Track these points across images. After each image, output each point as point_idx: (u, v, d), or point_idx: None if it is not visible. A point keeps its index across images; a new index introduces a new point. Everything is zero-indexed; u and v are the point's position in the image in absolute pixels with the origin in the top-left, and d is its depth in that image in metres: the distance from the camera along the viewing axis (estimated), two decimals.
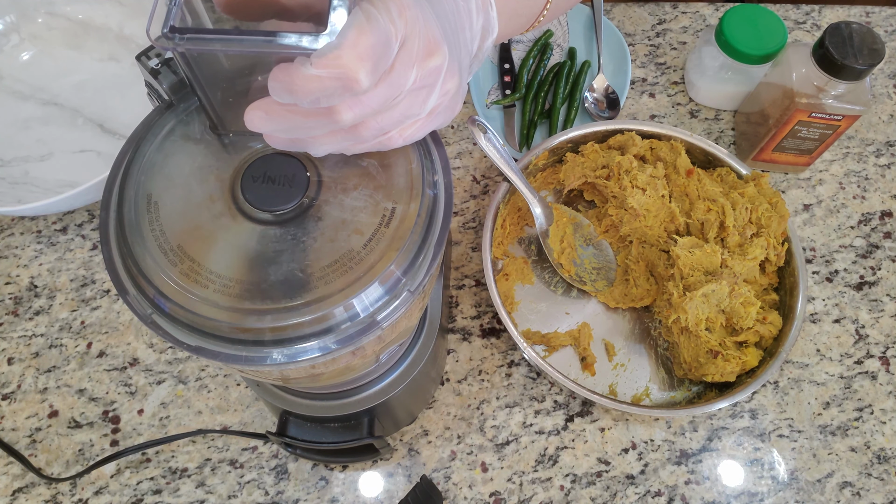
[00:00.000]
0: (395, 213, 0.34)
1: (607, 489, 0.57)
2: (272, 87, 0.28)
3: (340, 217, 0.34)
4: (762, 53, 0.66)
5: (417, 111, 0.32)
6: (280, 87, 0.28)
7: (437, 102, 0.33)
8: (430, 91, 0.32)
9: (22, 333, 0.63)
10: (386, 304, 0.33)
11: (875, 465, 0.58)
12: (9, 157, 0.69)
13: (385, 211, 0.34)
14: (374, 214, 0.34)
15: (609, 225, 0.64)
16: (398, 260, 0.33)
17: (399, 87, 0.30)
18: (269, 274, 0.32)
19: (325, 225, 0.33)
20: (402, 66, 0.29)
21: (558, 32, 0.78)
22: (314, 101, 0.28)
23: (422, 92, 0.31)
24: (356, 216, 0.34)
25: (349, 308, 0.32)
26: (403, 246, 0.33)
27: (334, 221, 0.34)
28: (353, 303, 0.32)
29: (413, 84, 0.30)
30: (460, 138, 0.73)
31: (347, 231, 0.33)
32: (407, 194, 0.34)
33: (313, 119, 0.30)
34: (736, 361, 0.56)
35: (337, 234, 0.33)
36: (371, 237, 0.33)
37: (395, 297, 0.33)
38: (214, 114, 0.34)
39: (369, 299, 0.32)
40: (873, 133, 0.74)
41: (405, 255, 0.33)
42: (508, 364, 0.62)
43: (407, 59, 0.29)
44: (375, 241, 0.33)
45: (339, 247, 0.33)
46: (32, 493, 0.57)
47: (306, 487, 0.57)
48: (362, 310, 0.32)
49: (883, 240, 0.68)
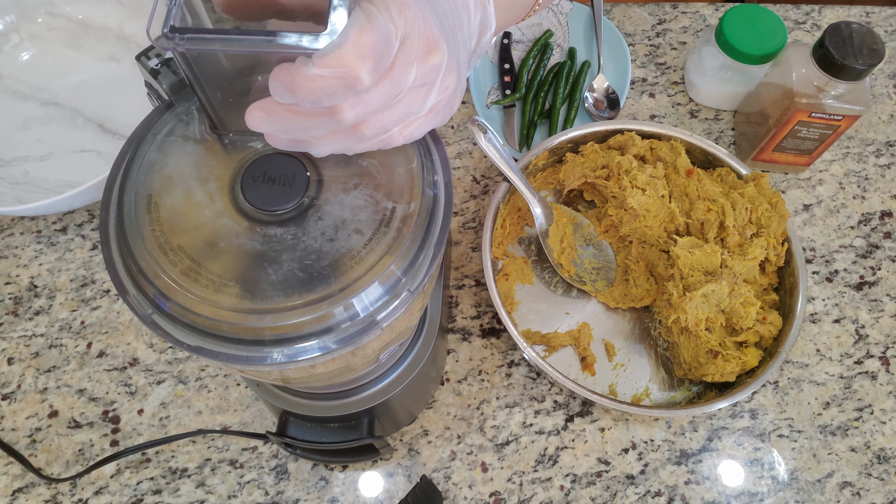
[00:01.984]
0: (396, 213, 0.34)
1: (607, 489, 0.57)
2: (273, 87, 0.28)
3: (341, 216, 0.34)
4: (762, 53, 0.66)
5: (418, 109, 0.32)
6: (281, 87, 0.28)
7: (437, 99, 0.33)
8: (430, 88, 0.32)
9: (22, 333, 0.63)
10: (386, 304, 0.33)
11: (875, 465, 0.58)
12: (9, 157, 0.69)
13: (385, 210, 0.34)
14: (375, 214, 0.34)
15: (609, 225, 0.64)
16: (398, 260, 0.33)
17: (400, 85, 0.30)
18: (270, 274, 0.32)
19: (326, 224, 0.33)
20: (403, 64, 0.29)
21: (558, 32, 0.78)
22: (316, 100, 0.28)
23: (422, 90, 0.32)
24: (356, 216, 0.34)
25: (349, 308, 0.32)
26: (403, 246, 0.33)
27: (334, 221, 0.34)
28: (353, 302, 0.32)
29: (413, 82, 0.30)
30: (460, 138, 0.73)
31: (348, 231, 0.33)
32: (407, 194, 0.34)
33: (315, 119, 0.30)
34: (736, 361, 0.56)
35: (337, 233, 0.33)
36: (371, 237, 0.33)
37: (395, 296, 0.33)
38: (214, 114, 0.34)
39: (369, 299, 0.32)
40: (873, 133, 0.74)
41: (405, 254, 0.33)
42: (508, 364, 0.62)
43: (407, 58, 0.29)
44: (376, 241, 0.33)
45: (340, 246, 0.33)
46: (32, 493, 0.57)
47: (306, 487, 0.57)
48: (362, 310, 0.32)
49: (883, 240, 0.68)
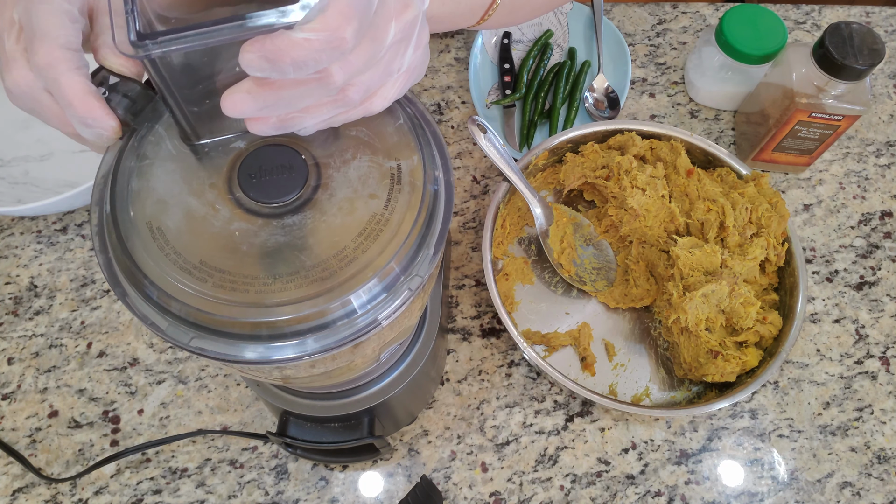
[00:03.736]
0: (402, 169, 0.34)
1: (607, 489, 0.57)
2: (248, 60, 0.27)
3: (351, 186, 0.33)
4: (762, 53, 0.66)
5: (398, 65, 0.33)
6: (260, 58, 0.27)
7: (413, 55, 0.34)
8: (408, 44, 0.33)
9: (22, 333, 0.63)
10: (386, 303, 0.33)
11: (875, 465, 0.58)
12: (9, 157, 0.69)
13: (392, 169, 0.34)
14: (382, 175, 0.34)
15: (609, 225, 0.64)
16: (398, 257, 0.33)
17: (382, 43, 0.30)
18: (297, 258, 0.32)
19: (340, 198, 0.33)
20: (383, 21, 0.30)
21: (558, 32, 0.78)
22: (300, 66, 0.27)
23: (401, 45, 0.32)
24: (366, 182, 0.34)
25: (346, 305, 0.32)
26: (403, 242, 0.33)
27: (347, 193, 0.33)
28: (352, 300, 0.32)
29: (393, 38, 0.31)
30: (460, 138, 0.73)
31: (363, 198, 0.33)
32: (406, 149, 0.35)
33: (303, 87, 0.29)
34: (736, 361, 0.56)
35: (354, 203, 0.33)
36: (388, 197, 0.33)
37: (395, 295, 0.33)
38: (188, 123, 0.33)
39: (369, 297, 0.32)
40: (873, 133, 0.74)
41: (405, 252, 0.33)
42: (508, 364, 0.62)
43: (386, 14, 0.30)
44: (394, 200, 0.33)
45: (361, 216, 0.33)
46: (32, 493, 0.57)
47: (306, 487, 0.57)
48: (360, 307, 0.32)
49: (883, 240, 0.68)
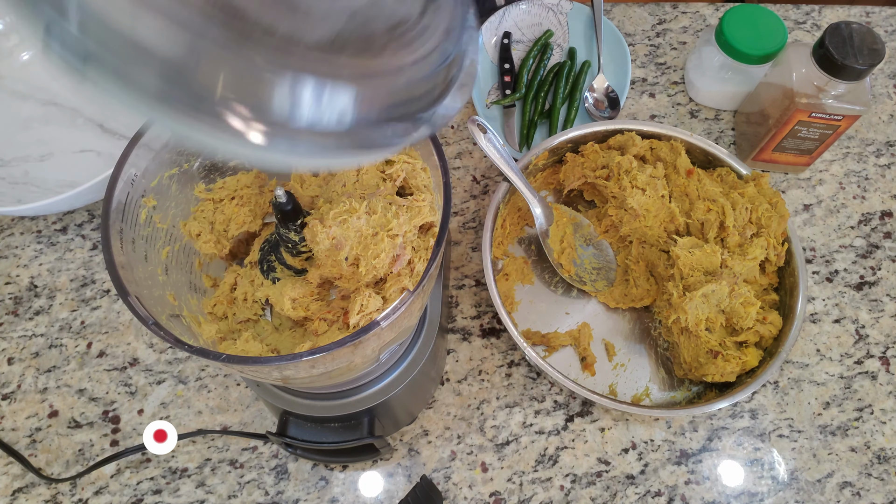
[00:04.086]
0: None
1: (607, 489, 0.57)
2: None
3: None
4: (762, 53, 0.66)
5: None
6: None
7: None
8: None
9: (22, 333, 0.63)
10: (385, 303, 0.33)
11: (875, 465, 0.58)
12: (9, 157, 0.69)
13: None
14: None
15: (609, 225, 0.64)
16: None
17: None
18: None
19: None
20: None
21: (558, 32, 0.78)
22: None
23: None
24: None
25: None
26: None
27: None
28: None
29: None
30: (460, 138, 0.73)
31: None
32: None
33: None
34: (736, 361, 0.56)
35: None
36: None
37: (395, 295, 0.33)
38: None
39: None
40: (873, 133, 0.74)
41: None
42: (508, 364, 0.62)
43: None
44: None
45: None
46: (32, 493, 0.57)
47: (306, 487, 0.57)
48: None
49: (883, 240, 0.68)
